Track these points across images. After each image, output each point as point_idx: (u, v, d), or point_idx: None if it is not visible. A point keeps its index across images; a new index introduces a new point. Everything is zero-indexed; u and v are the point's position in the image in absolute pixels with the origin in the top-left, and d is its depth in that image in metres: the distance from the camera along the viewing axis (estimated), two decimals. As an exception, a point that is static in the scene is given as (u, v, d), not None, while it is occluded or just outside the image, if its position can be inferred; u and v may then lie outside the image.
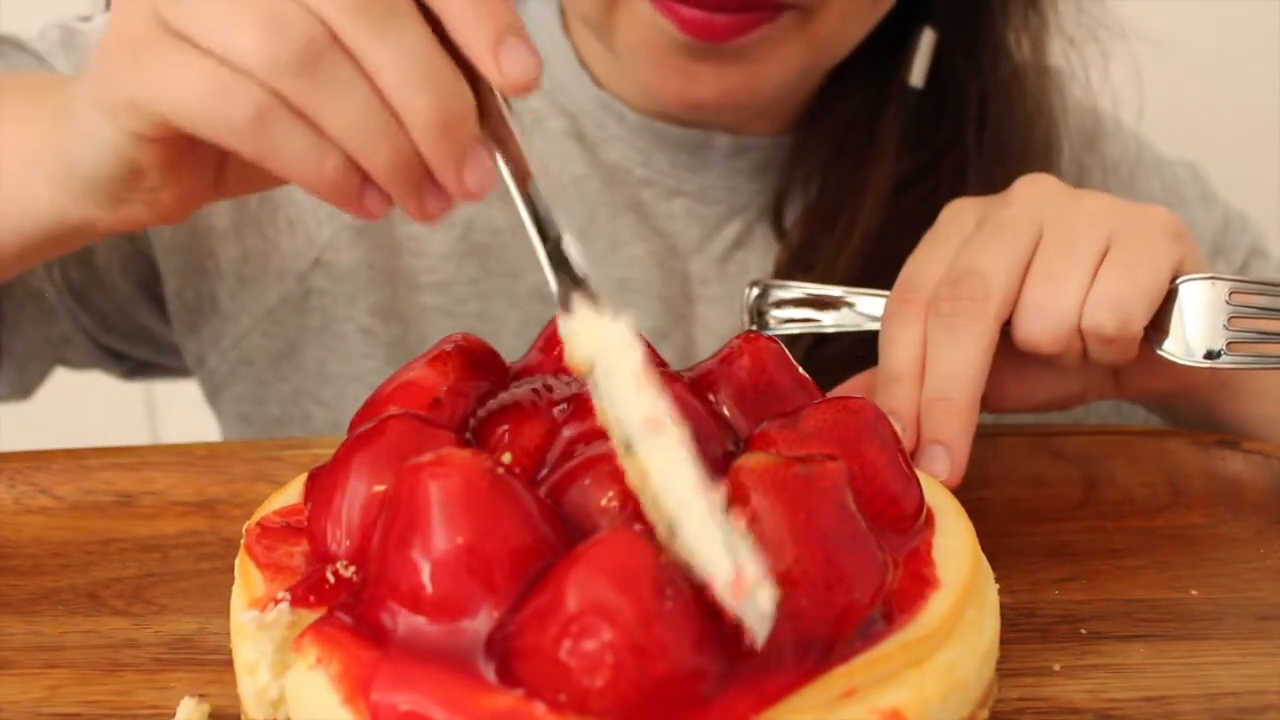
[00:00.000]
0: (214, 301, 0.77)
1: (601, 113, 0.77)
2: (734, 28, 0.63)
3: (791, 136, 0.78)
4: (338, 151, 0.41)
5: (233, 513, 0.58)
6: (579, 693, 0.34)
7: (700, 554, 0.36)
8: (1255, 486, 0.59)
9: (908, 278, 0.58)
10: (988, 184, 0.74)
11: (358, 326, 0.77)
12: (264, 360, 0.78)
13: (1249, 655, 0.47)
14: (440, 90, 0.41)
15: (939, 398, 0.54)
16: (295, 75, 0.40)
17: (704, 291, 0.78)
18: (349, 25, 0.40)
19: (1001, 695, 0.45)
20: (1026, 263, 0.55)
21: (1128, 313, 0.54)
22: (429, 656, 0.36)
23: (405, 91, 0.40)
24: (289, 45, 0.40)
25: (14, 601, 0.52)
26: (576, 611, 0.35)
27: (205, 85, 0.41)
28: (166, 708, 0.45)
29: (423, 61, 0.40)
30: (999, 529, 0.56)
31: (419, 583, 0.37)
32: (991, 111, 0.75)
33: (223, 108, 0.41)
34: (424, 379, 0.47)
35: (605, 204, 0.77)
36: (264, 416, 0.79)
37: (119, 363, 0.82)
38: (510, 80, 0.41)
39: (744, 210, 0.78)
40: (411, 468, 0.38)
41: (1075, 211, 0.56)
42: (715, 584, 0.35)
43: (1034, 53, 0.77)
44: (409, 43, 0.40)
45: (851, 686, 0.37)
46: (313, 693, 0.38)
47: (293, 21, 0.40)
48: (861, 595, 0.38)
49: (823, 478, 0.39)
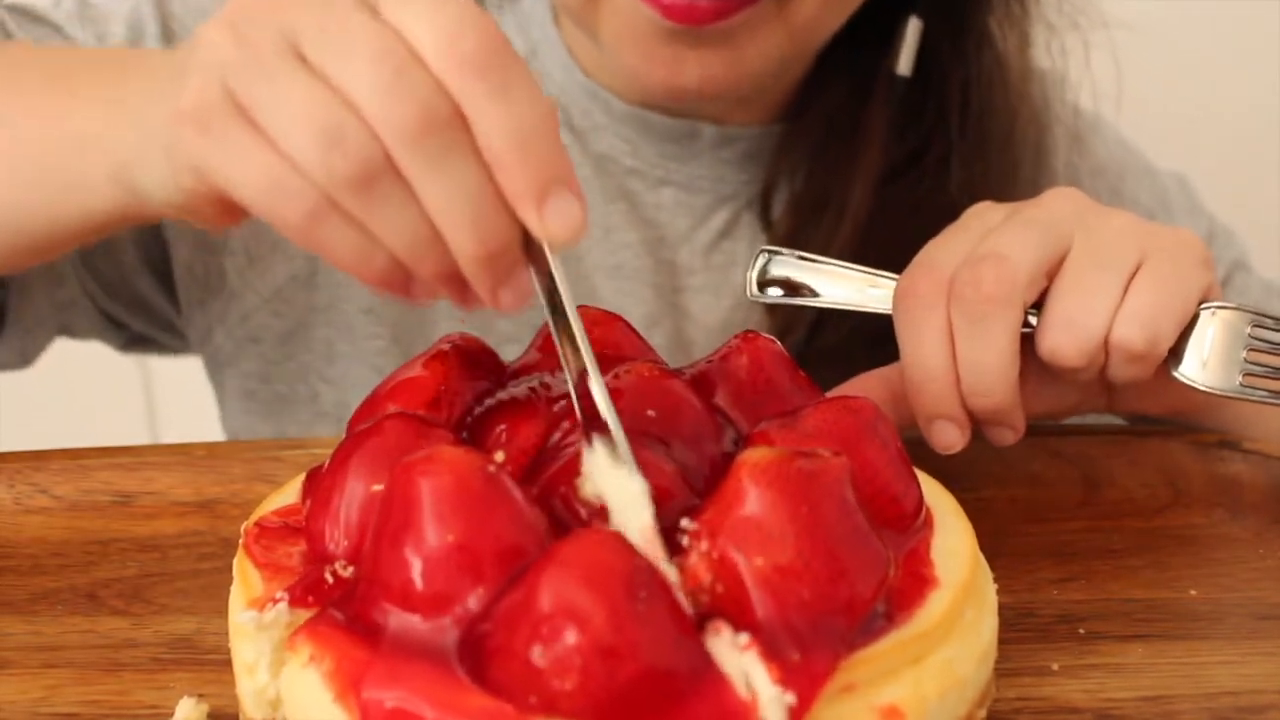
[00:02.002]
0: (222, 277, 0.77)
1: (589, 102, 0.78)
2: (715, 11, 0.64)
3: (779, 127, 0.79)
4: (385, 252, 0.42)
5: (231, 513, 0.58)
6: (549, 695, 0.35)
7: None
8: (1255, 486, 0.59)
9: (926, 259, 0.56)
10: (971, 174, 0.75)
11: (361, 306, 0.77)
12: (271, 338, 0.78)
13: (1248, 655, 0.47)
14: (484, 232, 0.41)
15: (982, 397, 0.53)
16: (348, 191, 0.41)
17: (691, 281, 0.79)
18: (405, 154, 0.41)
19: (1000, 694, 0.45)
20: (1054, 264, 0.54)
21: (1158, 331, 0.53)
22: (419, 654, 0.36)
23: (452, 227, 0.41)
24: (345, 164, 0.40)
25: (14, 601, 0.52)
26: (547, 613, 0.35)
27: (265, 177, 0.42)
28: (165, 708, 0.45)
29: (473, 200, 0.41)
30: (998, 529, 0.56)
31: (410, 580, 0.37)
32: (974, 100, 0.75)
33: (279, 202, 0.42)
34: (422, 378, 0.47)
35: (597, 191, 0.78)
36: (269, 394, 0.79)
37: (119, 332, 0.82)
38: (552, 235, 0.41)
39: (731, 200, 0.79)
40: (404, 466, 0.38)
41: (1107, 225, 0.55)
42: None
43: (1018, 43, 0.77)
44: (460, 179, 0.41)
45: (850, 682, 0.37)
46: (306, 690, 0.38)
47: (350, 140, 0.40)
48: (864, 588, 0.38)
49: (825, 472, 0.39)
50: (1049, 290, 0.54)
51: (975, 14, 0.76)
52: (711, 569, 0.38)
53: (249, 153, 0.42)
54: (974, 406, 0.54)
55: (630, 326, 0.50)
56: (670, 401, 0.44)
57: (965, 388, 0.54)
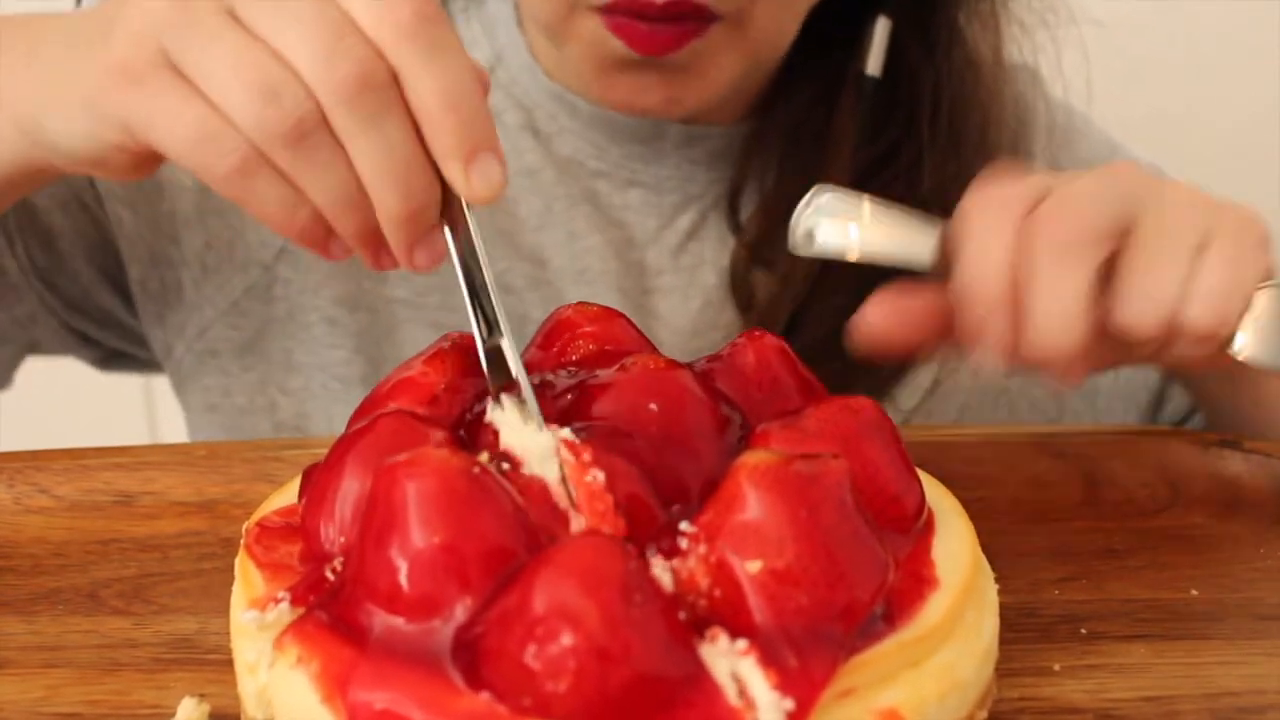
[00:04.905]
0: (179, 290, 0.77)
1: (554, 105, 0.78)
2: (674, 39, 0.65)
3: (746, 126, 0.78)
4: (309, 206, 0.45)
5: (233, 513, 0.58)
6: (543, 697, 0.34)
7: None
8: (1255, 486, 0.59)
9: (997, 188, 0.53)
10: (945, 175, 0.74)
11: (323, 316, 0.77)
12: (230, 350, 0.78)
13: (1249, 655, 0.47)
14: (409, 189, 0.44)
15: (1052, 342, 0.50)
16: (280, 145, 0.43)
17: (659, 282, 0.78)
18: (340, 112, 0.43)
19: (1001, 695, 0.44)
20: (1126, 226, 0.52)
21: (1227, 311, 0.52)
22: (406, 656, 0.36)
23: (377, 185, 0.44)
24: (279, 118, 0.43)
25: (14, 601, 0.52)
26: (542, 615, 0.35)
27: (196, 129, 0.44)
28: (166, 708, 0.45)
29: (400, 159, 0.44)
30: (999, 529, 0.56)
31: (395, 582, 0.37)
32: (945, 99, 0.75)
33: (209, 154, 0.44)
34: (422, 376, 0.47)
35: (561, 196, 0.78)
36: (230, 407, 0.79)
37: (91, 349, 0.82)
38: (475, 195, 0.44)
39: (698, 200, 0.78)
40: (388, 467, 0.38)
41: (1169, 200, 0.53)
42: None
43: (990, 40, 0.76)
44: (389, 138, 0.44)
45: (849, 686, 0.37)
46: (294, 692, 0.38)
47: (286, 96, 0.43)
48: (863, 593, 0.38)
49: (825, 475, 0.39)
50: (1121, 259, 0.52)
51: (944, 12, 0.75)
52: (709, 573, 0.38)
53: (181, 105, 0.44)
54: (1038, 344, 0.51)
55: (630, 322, 0.50)
56: (675, 395, 0.44)
57: (1036, 328, 0.51)
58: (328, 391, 0.77)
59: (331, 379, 0.77)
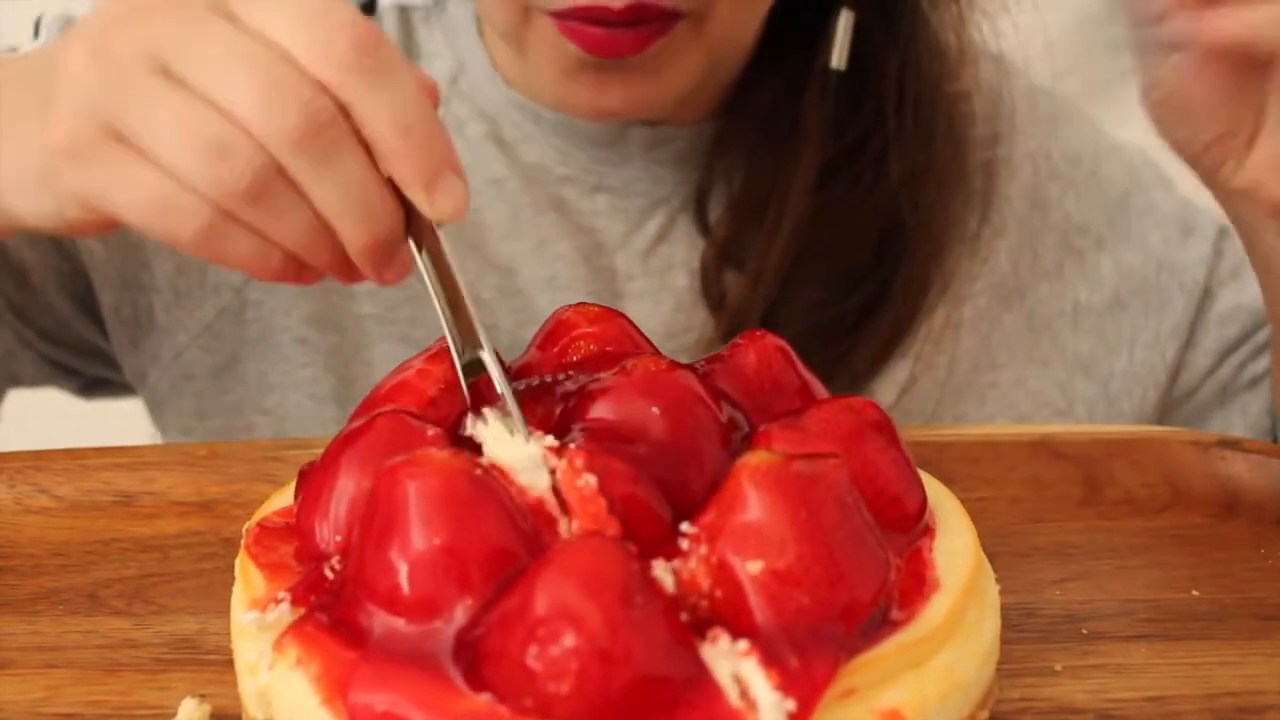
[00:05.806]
0: (150, 316, 0.77)
1: (518, 114, 0.77)
2: (634, 42, 0.64)
3: (711, 125, 0.78)
4: (280, 250, 0.45)
5: (233, 513, 0.58)
6: (544, 698, 0.34)
7: None
8: (1255, 486, 0.59)
9: None
10: (914, 164, 0.74)
11: (294, 336, 0.77)
12: (204, 374, 0.78)
13: (1249, 655, 0.47)
14: (372, 220, 0.44)
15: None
16: (241, 202, 0.43)
17: (630, 287, 0.78)
18: (292, 160, 0.43)
19: (1002, 695, 0.45)
20: None
21: None
22: (406, 657, 0.36)
23: (340, 221, 0.44)
24: (235, 177, 0.42)
25: (14, 601, 0.52)
26: (543, 616, 0.35)
27: (155, 197, 0.43)
28: (167, 708, 0.45)
29: (358, 194, 0.44)
30: (999, 529, 0.56)
31: (396, 583, 0.37)
32: (909, 88, 0.74)
33: (171, 221, 0.44)
34: (421, 377, 0.47)
35: (528, 204, 0.77)
36: (206, 430, 0.79)
37: (71, 378, 0.82)
38: (442, 216, 0.45)
39: (666, 202, 0.78)
40: (389, 468, 0.38)
41: None
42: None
43: (955, 27, 0.76)
44: (346, 175, 0.43)
45: (851, 687, 0.37)
46: (294, 694, 0.38)
47: (237, 151, 0.42)
48: (864, 593, 0.38)
49: (825, 476, 0.39)
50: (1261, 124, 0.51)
51: (908, 1, 0.75)
52: (711, 574, 0.38)
53: (134, 177, 0.43)
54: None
55: (630, 323, 0.50)
56: (677, 396, 0.43)
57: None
58: (302, 410, 0.77)
59: (305, 398, 0.77)
